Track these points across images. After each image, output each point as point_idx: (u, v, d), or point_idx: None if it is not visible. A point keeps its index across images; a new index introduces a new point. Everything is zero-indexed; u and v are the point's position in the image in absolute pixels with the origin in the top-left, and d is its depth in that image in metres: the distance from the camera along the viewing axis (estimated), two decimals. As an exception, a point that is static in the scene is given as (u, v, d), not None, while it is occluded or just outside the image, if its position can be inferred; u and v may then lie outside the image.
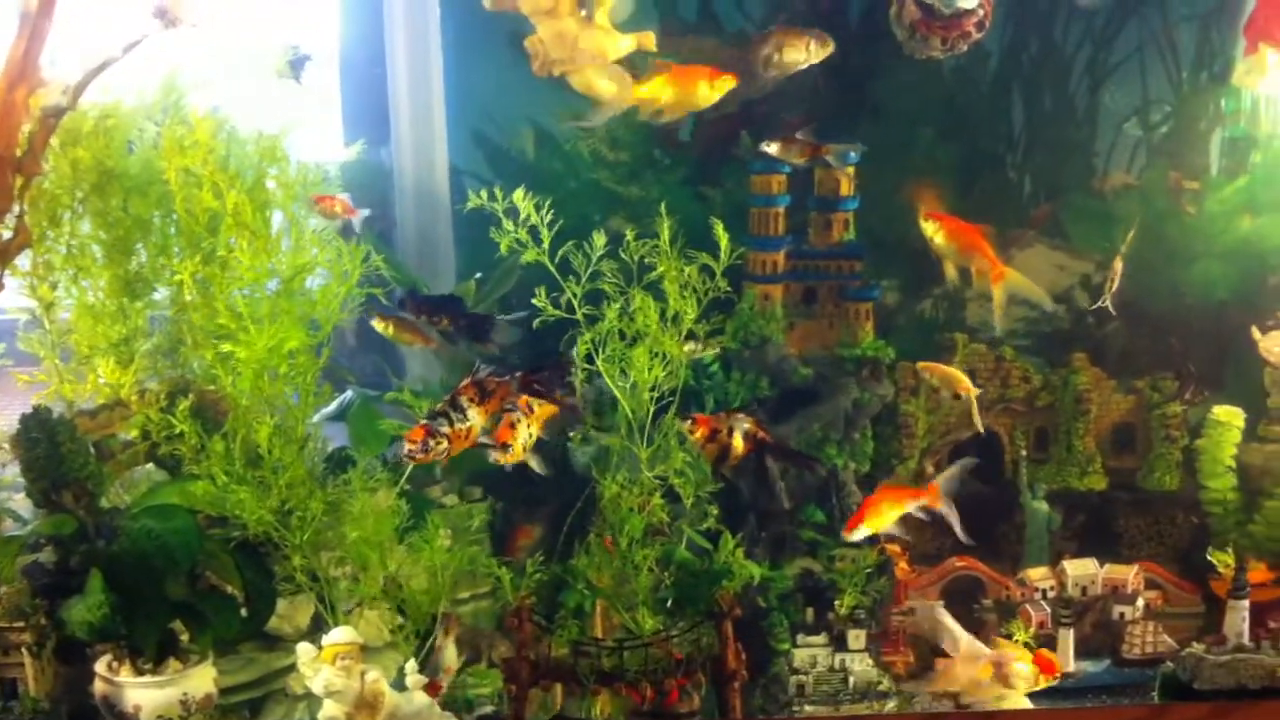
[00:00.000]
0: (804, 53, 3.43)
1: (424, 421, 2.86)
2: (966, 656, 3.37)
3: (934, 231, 3.57)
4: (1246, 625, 3.51)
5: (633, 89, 3.42)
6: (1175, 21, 3.85)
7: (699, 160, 3.94)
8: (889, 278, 3.93)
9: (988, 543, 3.95)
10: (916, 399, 3.92)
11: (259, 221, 3.30)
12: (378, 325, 3.52)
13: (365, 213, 3.53)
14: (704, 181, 3.92)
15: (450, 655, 3.27)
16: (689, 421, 3.21)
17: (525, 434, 2.97)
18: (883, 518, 3.28)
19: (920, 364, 3.73)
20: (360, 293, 3.19)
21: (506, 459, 2.94)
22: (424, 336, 3.48)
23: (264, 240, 3.15)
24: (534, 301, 3.09)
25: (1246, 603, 3.51)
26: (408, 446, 2.82)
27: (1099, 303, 3.72)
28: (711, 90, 3.43)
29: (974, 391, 3.66)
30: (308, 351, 3.16)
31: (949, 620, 3.44)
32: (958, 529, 3.30)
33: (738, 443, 3.19)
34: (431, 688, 3.15)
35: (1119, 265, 3.70)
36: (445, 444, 2.85)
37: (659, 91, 3.43)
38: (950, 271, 3.59)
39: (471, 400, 2.91)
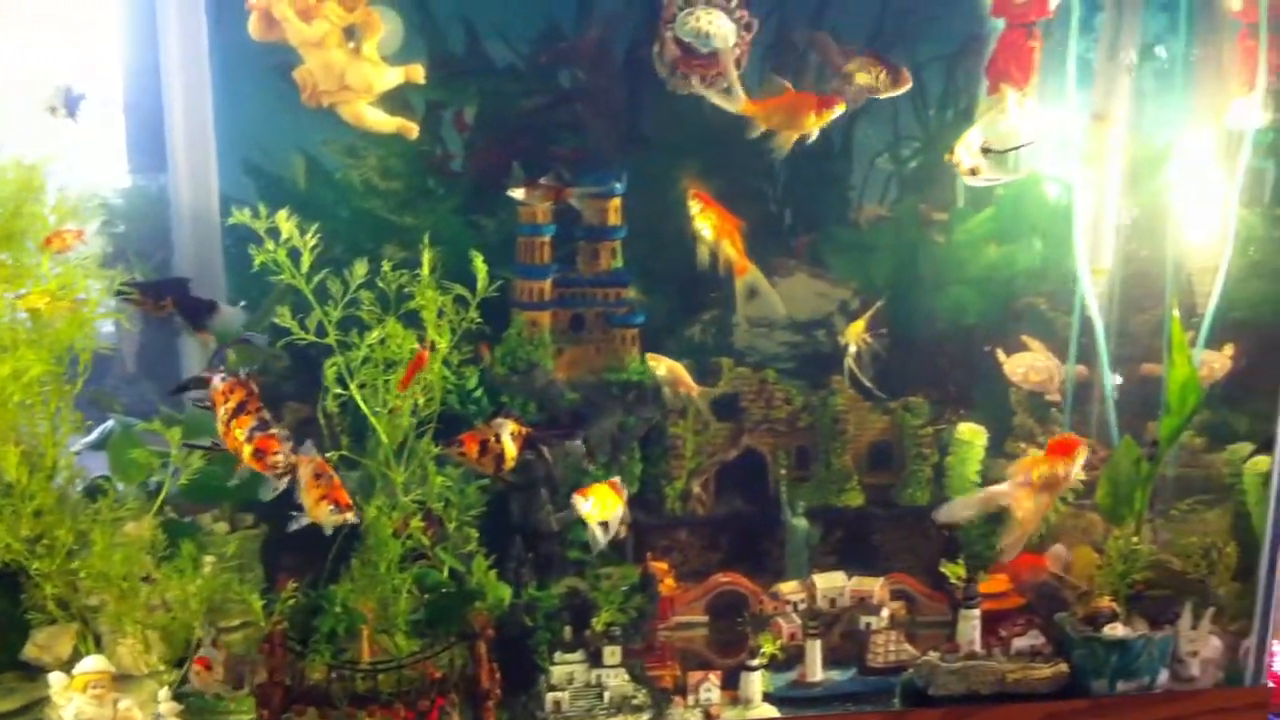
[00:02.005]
0: (875, 80, 3.57)
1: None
2: (989, 501, 3.59)
3: (696, 211, 3.72)
4: (978, 633, 3.72)
5: (745, 103, 3.54)
6: (922, 62, 4.05)
7: (472, 189, 4.02)
8: (657, 304, 4.05)
9: (753, 559, 4.13)
10: (685, 421, 4.06)
11: (15, 250, 3.33)
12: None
13: (94, 225, 3.53)
14: (477, 211, 4.01)
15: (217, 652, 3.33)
16: (456, 445, 3.30)
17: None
18: (605, 507, 3.39)
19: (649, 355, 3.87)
20: (108, 316, 3.24)
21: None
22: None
23: (6, 269, 3.16)
24: (276, 321, 3.20)
25: (978, 612, 3.72)
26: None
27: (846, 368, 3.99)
28: (817, 119, 3.54)
29: (696, 389, 3.83)
30: (55, 379, 3.18)
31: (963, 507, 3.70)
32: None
33: (508, 446, 3.30)
34: (203, 659, 3.23)
35: (857, 332, 3.94)
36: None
37: (770, 111, 3.55)
38: (702, 254, 3.73)
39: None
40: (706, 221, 3.73)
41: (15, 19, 3.83)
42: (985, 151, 3.54)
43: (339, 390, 3.36)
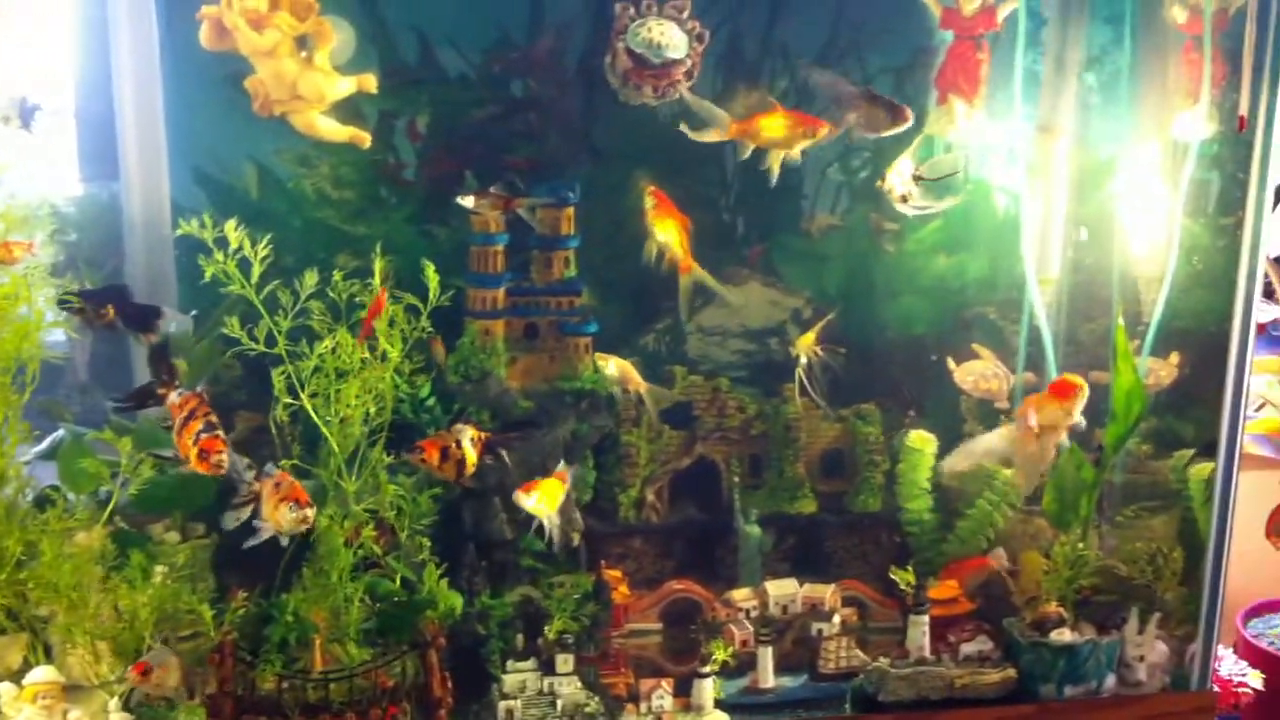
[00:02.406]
0: (876, 120, 3.65)
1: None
2: (995, 450, 3.74)
3: (650, 205, 3.79)
4: (927, 639, 3.76)
5: (731, 124, 3.64)
6: (872, 74, 4.09)
7: (425, 199, 4.02)
8: (611, 312, 4.06)
9: (706, 566, 4.16)
10: (638, 429, 4.09)
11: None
12: None
13: (40, 237, 3.54)
14: (430, 220, 4.01)
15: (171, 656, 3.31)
16: (417, 452, 3.33)
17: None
18: (553, 500, 3.46)
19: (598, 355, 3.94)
20: (54, 325, 3.25)
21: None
22: None
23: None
24: (225, 331, 3.24)
25: (926, 618, 3.76)
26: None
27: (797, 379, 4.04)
28: (804, 138, 3.65)
29: (644, 386, 3.90)
30: (2, 389, 3.18)
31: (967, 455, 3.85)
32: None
33: (469, 452, 3.34)
34: (140, 665, 3.20)
35: (807, 343, 4.00)
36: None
37: (755, 129, 3.65)
38: (650, 248, 3.78)
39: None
40: (655, 218, 3.77)
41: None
42: (917, 179, 3.63)
43: (289, 400, 3.37)
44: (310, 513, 3.05)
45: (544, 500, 3.42)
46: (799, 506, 4.17)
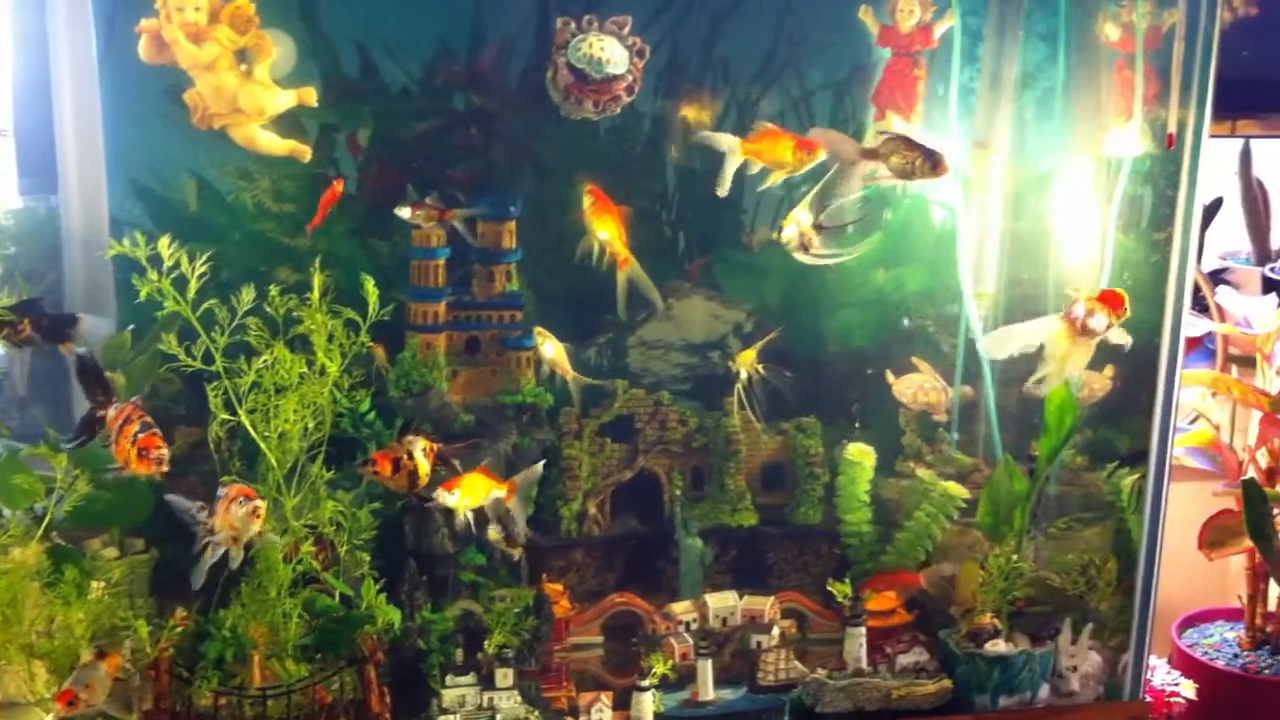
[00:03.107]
0: (911, 165, 3.65)
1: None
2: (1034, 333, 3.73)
3: (588, 203, 3.80)
4: (864, 651, 3.80)
5: (741, 145, 3.69)
6: (811, 90, 4.13)
7: (366, 212, 4.02)
8: (552, 326, 4.07)
9: (648, 579, 4.18)
10: (580, 442, 4.10)
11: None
12: None
13: None
14: (372, 233, 4.01)
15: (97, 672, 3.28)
16: (369, 464, 3.33)
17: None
18: (475, 495, 3.47)
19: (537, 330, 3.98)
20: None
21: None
22: None
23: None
24: (160, 347, 3.26)
25: (863, 630, 3.80)
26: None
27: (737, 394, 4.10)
28: (792, 158, 3.67)
29: (572, 374, 3.96)
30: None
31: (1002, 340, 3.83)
32: (519, 528, 3.65)
33: (421, 463, 3.34)
34: (65, 695, 3.12)
35: (748, 360, 4.05)
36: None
37: (761, 149, 3.69)
38: (587, 244, 3.79)
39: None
40: (591, 214, 3.78)
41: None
42: (819, 228, 3.70)
43: (226, 416, 3.36)
44: (260, 504, 3.07)
45: (466, 496, 3.43)
46: (740, 519, 4.19)
